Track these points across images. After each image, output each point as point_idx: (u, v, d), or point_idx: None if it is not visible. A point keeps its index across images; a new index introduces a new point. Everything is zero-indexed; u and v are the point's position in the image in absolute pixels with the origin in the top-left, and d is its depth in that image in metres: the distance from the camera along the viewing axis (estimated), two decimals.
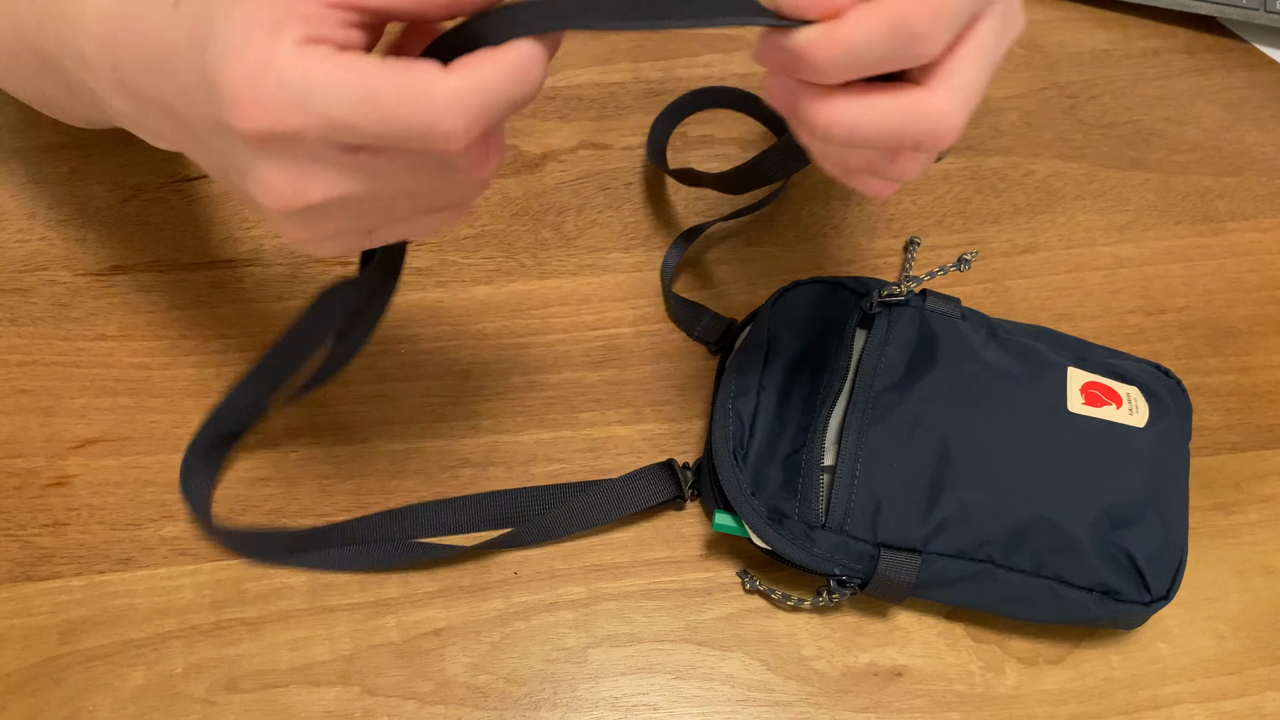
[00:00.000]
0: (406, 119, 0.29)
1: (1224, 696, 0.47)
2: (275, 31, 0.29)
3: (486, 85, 0.29)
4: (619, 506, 0.47)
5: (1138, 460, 0.46)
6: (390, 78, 0.29)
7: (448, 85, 0.29)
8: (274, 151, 0.30)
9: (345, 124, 0.29)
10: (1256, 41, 0.66)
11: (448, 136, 0.29)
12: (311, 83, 0.29)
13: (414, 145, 0.30)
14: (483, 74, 0.29)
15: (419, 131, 0.29)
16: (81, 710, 0.44)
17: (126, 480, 0.48)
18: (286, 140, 0.30)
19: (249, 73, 0.29)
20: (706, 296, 0.55)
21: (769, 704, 0.46)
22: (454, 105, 0.29)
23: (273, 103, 0.29)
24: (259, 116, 0.29)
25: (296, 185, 0.31)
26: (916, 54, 0.31)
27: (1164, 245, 0.58)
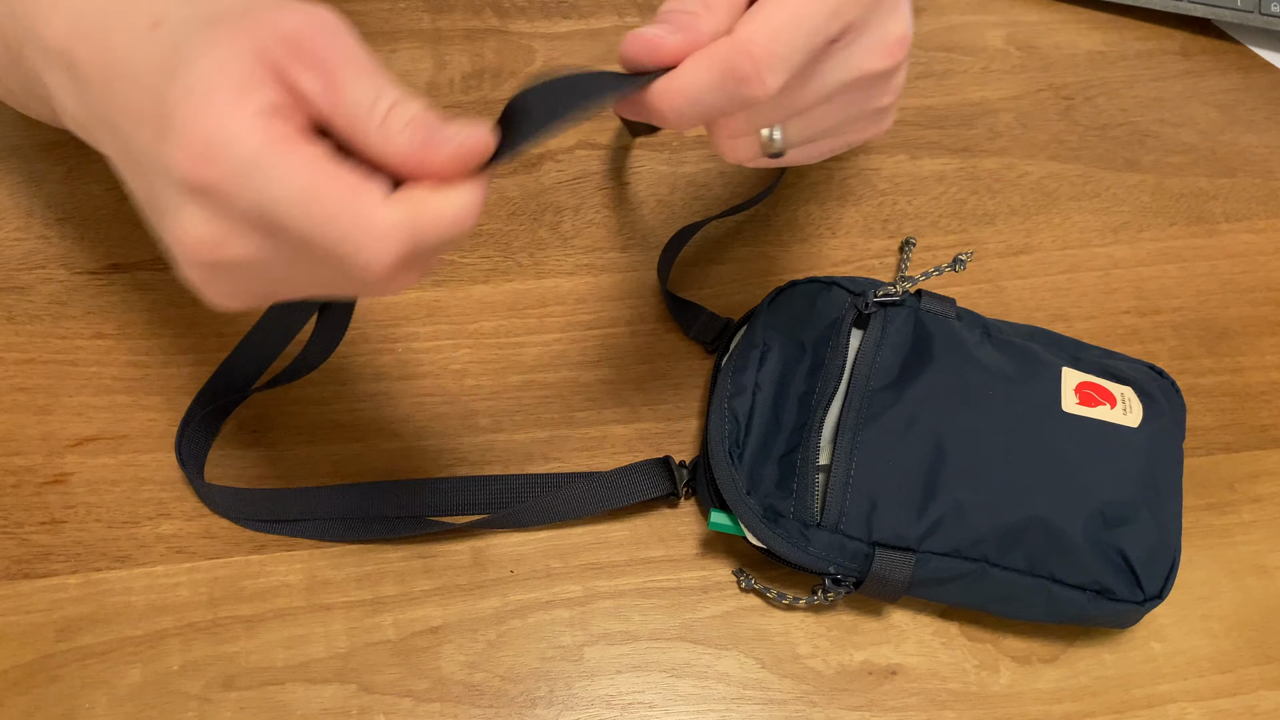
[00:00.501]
0: (334, 236, 0.29)
1: (1217, 695, 0.47)
2: (245, 92, 0.29)
3: (422, 227, 0.29)
4: (613, 498, 0.48)
5: (1131, 460, 0.46)
6: (333, 191, 0.28)
7: (384, 218, 0.29)
8: (203, 204, 0.30)
9: (276, 215, 0.29)
10: (1251, 44, 0.66)
11: (366, 266, 0.29)
12: (260, 162, 0.28)
13: (337, 257, 0.29)
14: (422, 215, 0.29)
15: (342, 252, 0.29)
16: (78, 708, 0.44)
17: (124, 478, 0.48)
18: (218, 199, 0.29)
19: (206, 126, 0.29)
20: (703, 296, 0.55)
21: (764, 702, 0.46)
22: (384, 239, 0.29)
23: (217, 165, 0.29)
24: (201, 170, 0.29)
25: (214, 241, 0.30)
26: (751, 97, 0.32)
27: (1158, 246, 0.59)
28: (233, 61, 0.29)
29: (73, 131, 0.37)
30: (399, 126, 0.29)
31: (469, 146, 0.29)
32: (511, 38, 0.63)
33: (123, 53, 0.32)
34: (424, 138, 0.29)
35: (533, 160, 0.59)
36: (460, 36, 0.62)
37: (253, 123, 0.28)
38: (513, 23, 0.63)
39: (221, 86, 0.29)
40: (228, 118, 0.28)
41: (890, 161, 0.60)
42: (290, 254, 0.30)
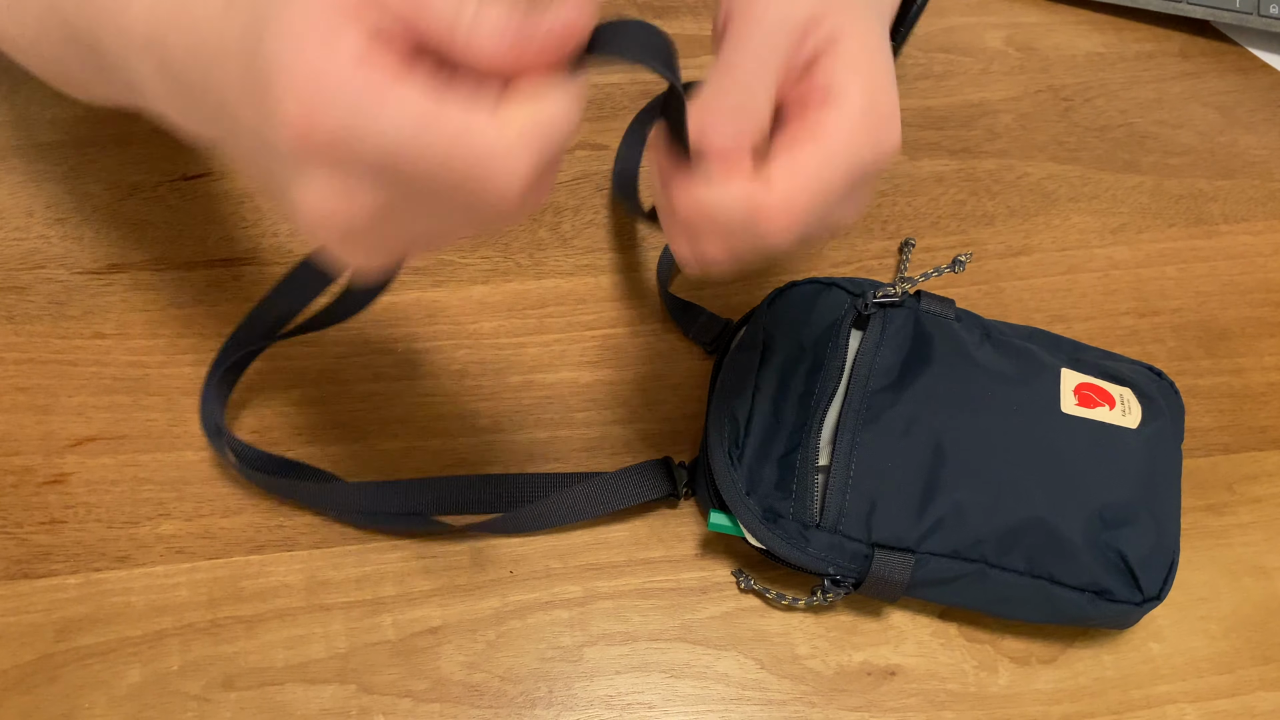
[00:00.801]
0: (457, 167, 0.28)
1: (1216, 696, 0.47)
2: (333, 36, 0.27)
3: (538, 132, 0.28)
4: (613, 499, 0.48)
5: (1130, 461, 0.46)
6: (444, 117, 0.28)
7: (501, 136, 0.28)
8: (321, 168, 0.29)
9: (395, 158, 0.28)
10: (1250, 45, 0.66)
11: (502, 191, 0.28)
12: (366, 108, 0.27)
13: (469, 192, 0.29)
14: (535, 119, 0.28)
15: (474, 183, 0.28)
16: (78, 708, 0.44)
17: (123, 478, 0.48)
18: (335, 158, 0.29)
19: (300, 85, 0.28)
20: (702, 297, 0.55)
21: (763, 703, 0.46)
22: (506, 157, 0.28)
23: (324, 122, 0.28)
24: (310, 132, 0.28)
25: (338, 205, 0.30)
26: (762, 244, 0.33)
27: (1157, 247, 0.59)
28: (316, 11, 0.28)
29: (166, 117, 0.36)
30: (492, 23, 0.28)
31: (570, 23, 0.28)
32: None
33: (207, 33, 0.31)
34: (517, 33, 0.28)
35: None
36: None
37: (349, 67, 0.27)
38: None
39: (308, 38, 0.28)
40: (323, 69, 0.27)
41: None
42: (422, 199, 0.30)
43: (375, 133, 0.27)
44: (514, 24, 0.28)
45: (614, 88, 0.60)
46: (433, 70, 0.29)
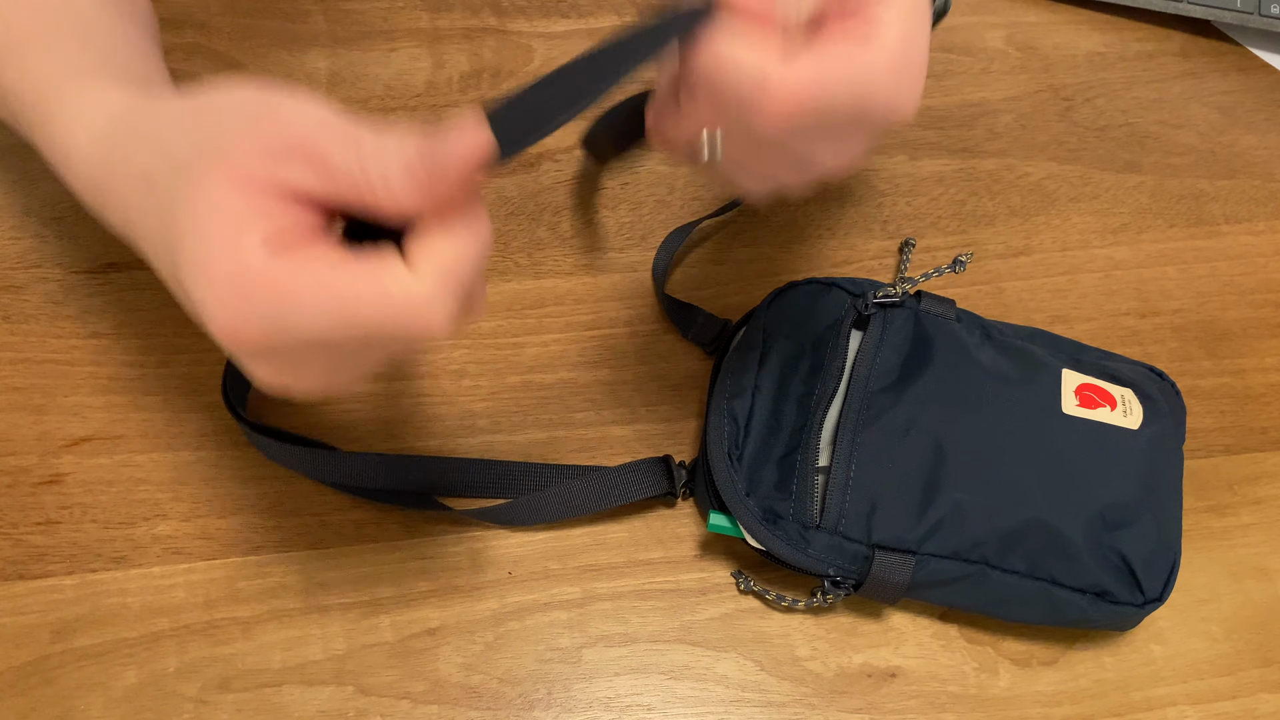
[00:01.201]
0: (383, 327, 0.29)
1: (1217, 698, 0.47)
2: (240, 234, 0.29)
3: (453, 270, 0.29)
4: (612, 495, 0.47)
5: (1132, 462, 0.46)
6: (359, 288, 0.29)
7: (418, 288, 0.29)
8: (258, 358, 0.31)
9: (323, 337, 0.29)
10: (1251, 45, 0.66)
11: (428, 332, 0.29)
12: (284, 303, 0.29)
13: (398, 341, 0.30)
14: (447, 259, 0.29)
15: (399, 335, 0.29)
16: (74, 710, 0.44)
17: (120, 479, 0.48)
18: (267, 351, 0.30)
19: (221, 300, 0.29)
20: (701, 297, 0.55)
21: (763, 705, 0.46)
22: (428, 305, 0.29)
23: (249, 327, 0.29)
24: (239, 339, 0.29)
25: (284, 379, 0.32)
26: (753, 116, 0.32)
27: (1158, 248, 0.59)
28: (215, 212, 0.29)
29: None
30: (396, 173, 0.29)
31: (468, 156, 0.29)
32: (510, 37, 0.63)
33: (136, 220, 0.33)
34: (423, 178, 0.29)
35: (531, 160, 0.58)
36: (459, 36, 0.62)
37: (258, 272, 0.29)
38: (511, 22, 0.63)
39: (214, 251, 0.29)
40: (234, 281, 0.29)
41: (890, 162, 0.60)
42: (362, 351, 0.31)
43: (298, 323, 0.29)
44: (422, 163, 0.29)
45: None
46: (340, 239, 0.30)
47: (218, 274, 0.29)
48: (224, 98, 0.32)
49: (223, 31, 0.61)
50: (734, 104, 0.32)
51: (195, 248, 0.29)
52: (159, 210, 0.31)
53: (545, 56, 0.62)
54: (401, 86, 0.60)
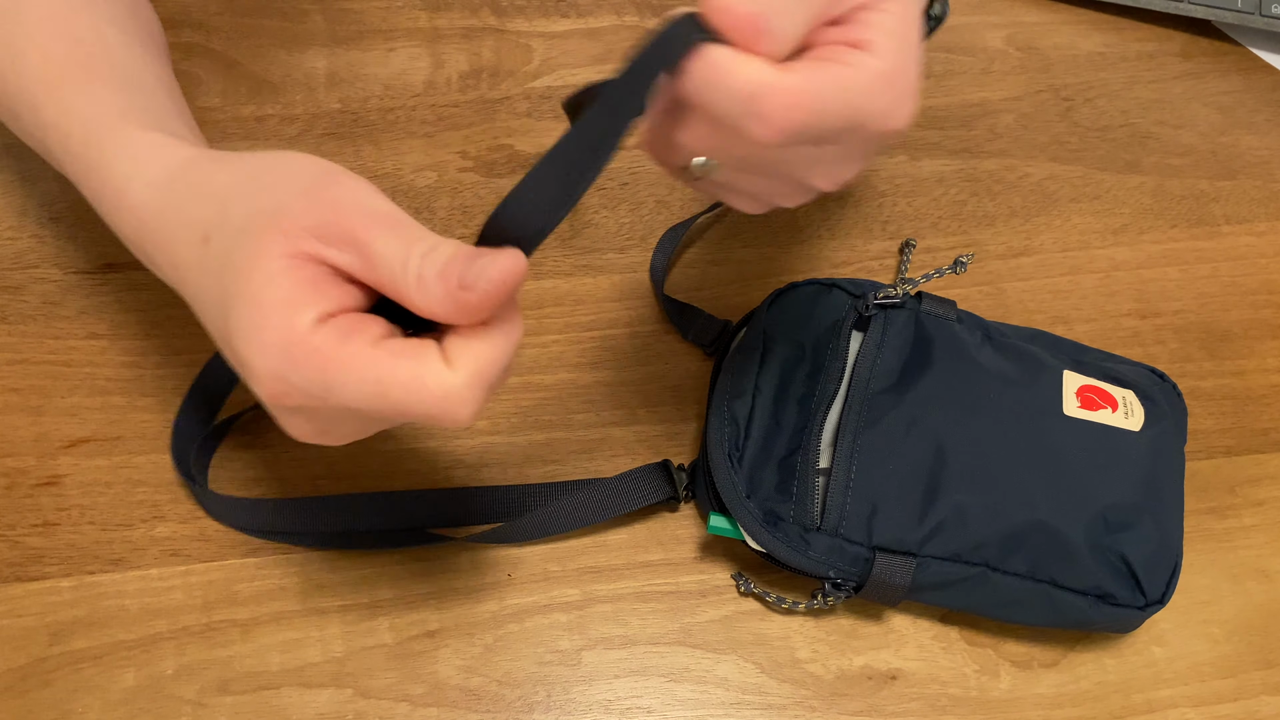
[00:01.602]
0: (415, 413, 0.31)
1: (1218, 700, 0.47)
2: (293, 312, 0.31)
3: (488, 370, 0.31)
4: (613, 506, 0.47)
5: (1133, 464, 0.46)
6: (399, 374, 0.31)
7: (455, 380, 0.31)
8: (296, 414, 0.33)
9: (359, 411, 0.31)
10: (1252, 45, 0.66)
11: (456, 423, 0.31)
12: (327, 376, 0.31)
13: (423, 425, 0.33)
14: (483, 358, 0.31)
15: (428, 421, 0.31)
16: (71, 712, 0.43)
17: (117, 480, 0.48)
18: (305, 412, 0.32)
19: (269, 363, 0.31)
20: (702, 298, 0.54)
21: (763, 707, 0.46)
22: (460, 399, 0.31)
23: (292, 390, 0.31)
24: (281, 399, 0.32)
25: (318, 433, 0.34)
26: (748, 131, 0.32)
27: (1159, 248, 0.59)
28: (273, 282, 0.31)
29: None
30: (432, 279, 0.31)
31: (500, 280, 0.30)
32: (509, 36, 0.62)
33: (188, 272, 0.35)
34: (456, 290, 0.30)
35: (529, 161, 0.58)
36: (458, 35, 0.62)
37: (308, 343, 0.31)
38: (510, 21, 0.63)
39: (269, 318, 0.31)
40: (285, 348, 0.31)
41: (890, 163, 0.60)
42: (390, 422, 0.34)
43: (338, 394, 0.31)
44: (458, 273, 0.30)
45: None
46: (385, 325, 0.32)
47: (269, 341, 0.31)
48: (283, 164, 0.34)
49: (221, 31, 0.61)
50: (728, 116, 0.32)
51: (250, 314, 0.31)
52: (215, 269, 0.33)
53: (544, 56, 0.62)
54: (400, 86, 0.60)
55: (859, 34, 0.33)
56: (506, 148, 0.58)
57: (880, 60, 0.33)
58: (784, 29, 0.32)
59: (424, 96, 0.60)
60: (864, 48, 0.33)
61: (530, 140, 0.58)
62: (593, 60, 0.62)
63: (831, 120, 0.32)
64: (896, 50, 0.33)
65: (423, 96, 0.60)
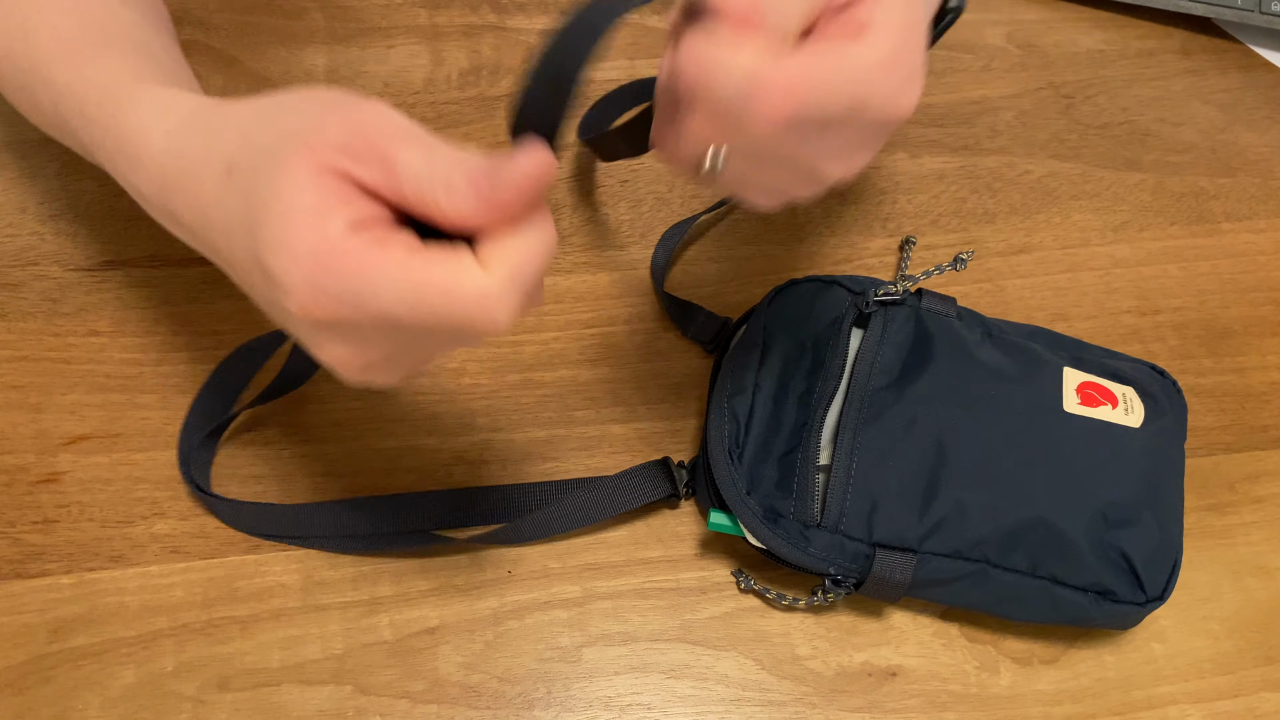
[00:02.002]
0: (453, 316, 0.30)
1: (1218, 697, 0.47)
2: (322, 220, 0.30)
3: (522, 267, 0.31)
4: (614, 504, 0.47)
5: (1133, 461, 0.46)
6: (434, 276, 0.30)
7: (490, 281, 0.30)
8: (331, 332, 0.32)
9: (395, 318, 0.31)
10: (1252, 43, 0.66)
11: (494, 326, 0.31)
12: (361, 284, 0.30)
13: (464, 333, 0.31)
14: (516, 258, 0.31)
15: (466, 326, 0.31)
16: (71, 709, 0.43)
17: (117, 477, 0.48)
18: (340, 326, 0.31)
19: (301, 269, 0.30)
20: (702, 295, 0.54)
21: (763, 704, 0.46)
22: (498, 302, 0.30)
23: (326, 299, 0.30)
24: (314, 310, 0.31)
25: (354, 355, 0.33)
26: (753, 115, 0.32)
27: (1159, 246, 0.59)
28: (302, 191, 0.30)
29: None
30: (462, 185, 0.30)
31: (532, 175, 0.30)
32: (509, 34, 0.62)
33: (211, 208, 0.34)
34: (487, 191, 0.30)
35: None
36: (458, 32, 0.62)
37: (342, 246, 0.30)
38: (510, 19, 0.63)
39: (300, 227, 0.30)
40: (318, 253, 0.30)
41: (890, 160, 0.60)
42: (428, 339, 0.33)
43: (373, 300, 0.30)
44: (486, 176, 0.30)
45: (612, 84, 0.60)
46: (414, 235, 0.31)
47: (302, 247, 0.30)
48: (303, 94, 0.33)
49: (221, 28, 0.61)
50: (729, 107, 0.32)
51: (281, 223, 0.30)
52: (240, 194, 0.32)
53: None
54: (400, 83, 0.60)
55: (861, 16, 0.33)
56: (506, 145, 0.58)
57: (881, 43, 0.33)
58: (781, 18, 0.32)
59: (424, 94, 0.60)
60: (865, 31, 0.33)
61: None
62: None
63: (831, 105, 0.32)
64: (898, 33, 0.33)
65: (422, 94, 0.60)
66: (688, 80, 0.32)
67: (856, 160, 0.36)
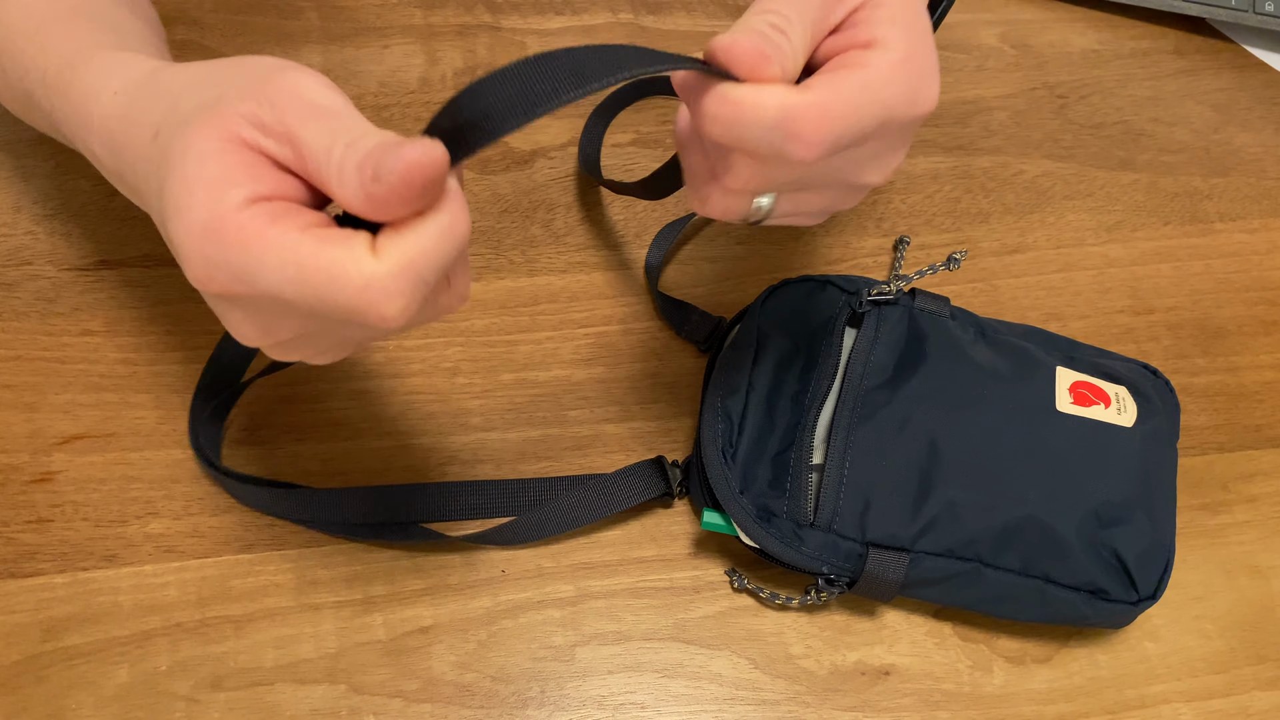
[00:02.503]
0: (336, 302, 0.29)
1: (1210, 696, 0.47)
2: (220, 193, 0.30)
3: (415, 262, 0.29)
4: (608, 503, 0.47)
5: (1126, 460, 0.46)
6: (321, 258, 0.29)
7: (378, 269, 0.29)
8: (229, 303, 0.32)
9: (284, 299, 0.30)
10: (1245, 43, 0.66)
11: (380, 318, 0.30)
12: (249, 260, 0.29)
13: (355, 322, 0.30)
14: (411, 248, 0.29)
15: (351, 313, 0.30)
16: (65, 708, 0.43)
17: (111, 477, 0.48)
18: (235, 299, 0.31)
19: (194, 242, 0.30)
20: (696, 295, 0.55)
21: (757, 703, 0.46)
22: (387, 292, 0.29)
23: (217, 273, 0.30)
24: (207, 284, 0.31)
25: (260, 329, 0.32)
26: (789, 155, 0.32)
27: (1152, 245, 0.59)
28: (204, 161, 0.30)
29: None
30: (350, 170, 0.29)
31: (405, 172, 0.28)
32: (504, 34, 0.62)
33: (139, 165, 0.34)
34: (370, 176, 0.29)
35: (525, 157, 0.58)
36: (452, 32, 0.62)
37: (233, 221, 0.29)
38: (505, 18, 0.63)
39: (197, 195, 0.30)
40: (209, 226, 0.30)
41: None
42: (326, 324, 0.32)
43: (260, 278, 0.30)
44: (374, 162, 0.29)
45: None
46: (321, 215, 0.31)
47: (195, 219, 0.30)
48: (238, 63, 0.33)
49: (215, 28, 0.61)
50: (766, 147, 0.32)
51: (179, 192, 0.30)
52: (157, 160, 0.32)
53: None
54: (395, 83, 0.60)
55: (864, 34, 0.33)
56: (501, 144, 0.58)
57: (892, 51, 0.33)
58: (787, 49, 0.32)
59: (419, 94, 0.60)
60: (873, 44, 0.33)
61: (524, 137, 0.59)
62: None
63: (865, 121, 0.33)
64: (904, 37, 0.33)
65: (417, 94, 0.60)
66: (720, 133, 0.32)
67: (892, 163, 0.37)
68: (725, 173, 0.34)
